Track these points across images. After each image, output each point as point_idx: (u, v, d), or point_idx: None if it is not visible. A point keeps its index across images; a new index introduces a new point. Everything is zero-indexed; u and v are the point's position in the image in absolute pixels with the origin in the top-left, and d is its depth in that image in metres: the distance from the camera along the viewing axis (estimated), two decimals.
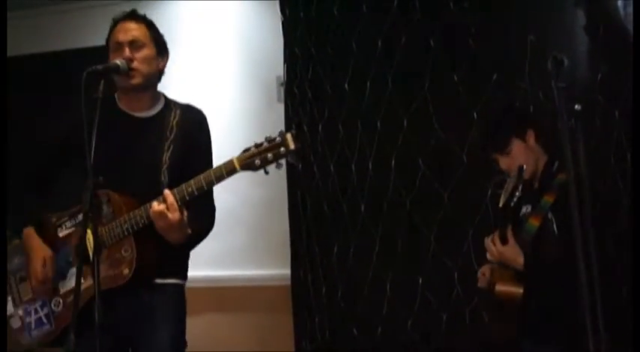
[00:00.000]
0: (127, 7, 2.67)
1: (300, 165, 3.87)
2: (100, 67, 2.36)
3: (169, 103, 2.64)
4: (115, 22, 2.58)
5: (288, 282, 3.97)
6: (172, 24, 4.41)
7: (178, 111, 2.60)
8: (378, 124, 3.64)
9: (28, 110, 4.69)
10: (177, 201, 2.32)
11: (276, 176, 4.09)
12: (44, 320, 2.53)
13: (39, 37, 4.84)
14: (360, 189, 3.69)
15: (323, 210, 3.84)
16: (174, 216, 2.31)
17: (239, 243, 4.28)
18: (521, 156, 2.60)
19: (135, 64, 2.48)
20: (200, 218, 2.50)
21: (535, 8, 3.24)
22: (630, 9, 2.96)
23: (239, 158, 2.27)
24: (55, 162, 2.65)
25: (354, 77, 3.73)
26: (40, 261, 2.51)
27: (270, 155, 2.24)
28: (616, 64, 3.00)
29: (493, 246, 2.54)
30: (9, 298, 2.61)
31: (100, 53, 2.62)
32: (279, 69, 4.07)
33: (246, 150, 2.28)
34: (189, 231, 2.41)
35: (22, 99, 4.66)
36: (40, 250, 2.53)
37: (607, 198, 2.77)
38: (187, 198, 2.33)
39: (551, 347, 2.48)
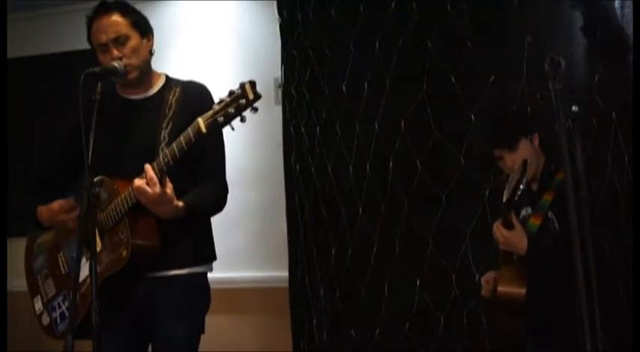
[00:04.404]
0: None
1: (295, 167, 3.87)
2: (97, 69, 2.36)
3: (170, 82, 2.62)
4: (90, 19, 2.52)
5: (286, 284, 3.97)
6: (171, 25, 4.43)
7: (178, 89, 2.57)
8: (376, 126, 3.63)
9: (28, 111, 4.71)
10: (156, 175, 2.29)
11: (274, 178, 4.13)
12: (66, 313, 2.54)
13: (39, 38, 4.84)
14: (358, 191, 3.69)
15: (321, 211, 3.84)
16: (154, 190, 2.27)
17: (237, 246, 4.27)
18: (526, 155, 2.60)
19: (125, 61, 2.45)
20: (200, 192, 2.46)
21: (532, 10, 3.24)
22: (627, 9, 2.96)
23: (203, 117, 2.23)
24: (65, 160, 2.66)
25: (351, 79, 3.72)
26: (56, 208, 2.51)
27: (231, 109, 2.19)
28: (613, 65, 3.00)
29: (498, 232, 2.54)
30: (38, 297, 2.63)
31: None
32: (276, 70, 4.07)
33: (209, 109, 2.25)
34: (180, 204, 2.36)
35: (22, 100, 4.68)
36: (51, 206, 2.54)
37: (604, 200, 2.77)
38: (165, 168, 2.30)
39: (555, 347, 2.48)
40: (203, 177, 2.50)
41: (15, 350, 4.05)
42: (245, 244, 4.29)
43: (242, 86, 2.21)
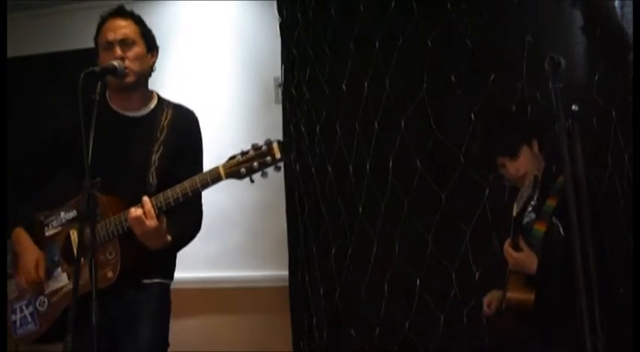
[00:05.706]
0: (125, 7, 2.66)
1: (295, 166, 3.87)
2: (97, 68, 2.36)
3: (162, 103, 2.63)
4: (103, 20, 2.56)
5: (286, 283, 3.97)
6: (171, 24, 4.43)
7: (170, 112, 2.59)
8: (376, 125, 3.63)
9: (27, 111, 4.71)
10: (155, 208, 2.31)
11: (273, 178, 4.10)
12: (29, 318, 2.53)
13: (37, 38, 4.84)
14: (358, 190, 3.69)
15: (320, 211, 3.84)
16: (150, 223, 2.30)
17: (236, 245, 4.28)
18: (528, 162, 2.61)
19: (127, 63, 2.46)
20: (184, 223, 2.49)
21: (532, 9, 3.24)
22: (627, 9, 2.96)
23: (225, 166, 2.27)
24: (44, 162, 2.63)
25: (351, 78, 3.72)
26: (32, 263, 2.51)
27: (255, 164, 2.24)
28: (613, 64, 3.00)
29: (508, 254, 2.56)
30: None
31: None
32: (276, 70, 4.07)
33: (232, 158, 2.28)
34: (169, 238, 2.40)
35: (20, 100, 4.68)
36: (31, 251, 2.53)
37: (604, 199, 2.76)
38: (172, 204, 2.32)
39: (560, 349, 2.48)
40: (183, 205, 2.46)
41: (15, 349, 4.05)
42: (245, 244, 4.29)
43: (269, 144, 2.25)
